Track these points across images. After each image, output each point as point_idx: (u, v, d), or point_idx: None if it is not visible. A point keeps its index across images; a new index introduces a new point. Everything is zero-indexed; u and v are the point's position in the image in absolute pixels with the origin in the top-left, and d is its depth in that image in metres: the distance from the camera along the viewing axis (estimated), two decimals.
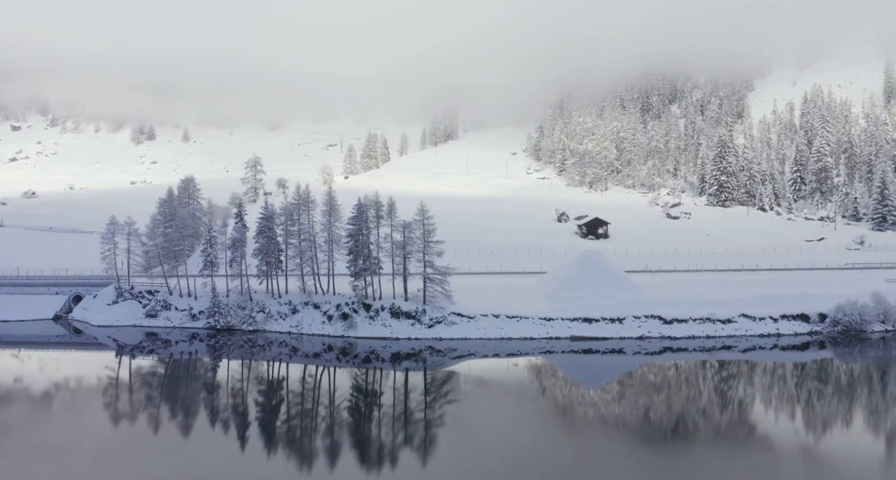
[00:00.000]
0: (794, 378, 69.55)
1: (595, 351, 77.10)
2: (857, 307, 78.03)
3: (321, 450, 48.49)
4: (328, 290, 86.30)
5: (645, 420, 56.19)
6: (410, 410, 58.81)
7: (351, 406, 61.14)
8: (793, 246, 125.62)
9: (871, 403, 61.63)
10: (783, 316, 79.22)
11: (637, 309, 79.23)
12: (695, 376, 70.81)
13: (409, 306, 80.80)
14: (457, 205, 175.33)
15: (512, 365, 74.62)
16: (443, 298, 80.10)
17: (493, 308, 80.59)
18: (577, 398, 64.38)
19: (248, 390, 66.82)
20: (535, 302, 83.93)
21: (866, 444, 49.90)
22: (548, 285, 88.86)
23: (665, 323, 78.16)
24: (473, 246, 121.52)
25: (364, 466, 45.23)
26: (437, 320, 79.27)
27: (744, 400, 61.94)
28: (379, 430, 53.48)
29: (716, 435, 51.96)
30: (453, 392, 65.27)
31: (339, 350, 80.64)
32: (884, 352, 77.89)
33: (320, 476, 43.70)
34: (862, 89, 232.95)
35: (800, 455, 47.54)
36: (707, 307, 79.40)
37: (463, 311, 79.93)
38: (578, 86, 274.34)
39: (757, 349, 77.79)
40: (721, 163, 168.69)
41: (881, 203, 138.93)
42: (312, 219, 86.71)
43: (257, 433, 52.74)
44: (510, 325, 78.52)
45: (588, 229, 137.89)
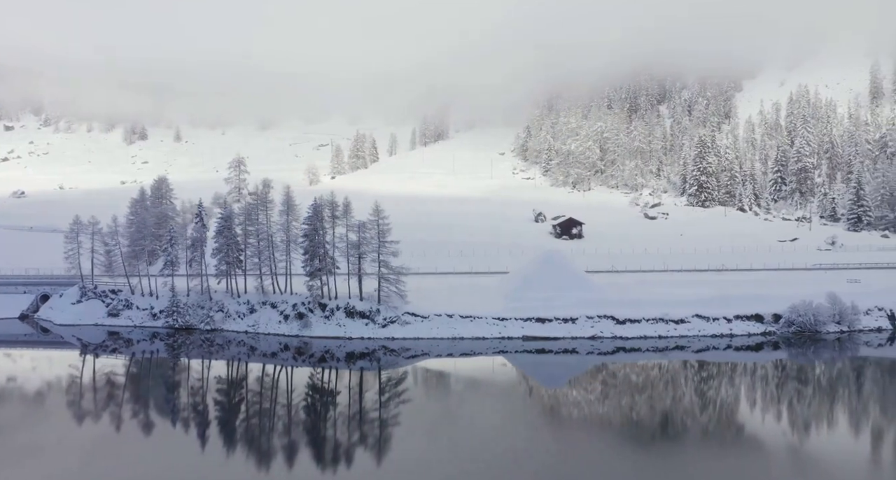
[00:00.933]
0: (748, 377, 69.72)
1: (548, 350, 77.13)
2: (811, 308, 77.91)
3: (279, 449, 48.88)
4: (286, 290, 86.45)
5: (603, 419, 56.72)
6: (365, 410, 59.10)
7: (308, 405, 61.38)
8: (765, 247, 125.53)
9: (822, 402, 61.67)
10: (737, 317, 79.17)
11: (591, 309, 79.22)
12: (654, 375, 70.83)
13: (363, 306, 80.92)
14: (437, 206, 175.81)
15: (468, 364, 74.79)
16: (397, 298, 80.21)
17: (448, 308, 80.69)
18: (536, 397, 64.46)
19: (208, 389, 67.07)
20: (492, 302, 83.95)
21: (818, 442, 50.63)
22: (507, 285, 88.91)
23: (618, 324, 78.15)
24: (444, 247, 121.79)
25: (320, 465, 45.67)
26: (391, 320, 79.36)
27: (703, 399, 62.35)
28: (335, 430, 53.91)
29: (674, 434, 52.29)
30: (408, 391, 65.60)
31: (294, 349, 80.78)
32: (838, 353, 77.83)
33: (279, 474, 44.08)
34: (849, 89, 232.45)
35: (756, 452, 47.79)
36: (661, 307, 79.40)
37: (417, 311, 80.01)
38: (568, 87, 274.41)
39: (710, 349, 77.78)
40: (701, 163, 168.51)
41: (856, 203, 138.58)
42: (270, 219, 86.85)
43: (217, 432, 53.19)
44: (463, 325, 78.59)
45: (562, 229, 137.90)
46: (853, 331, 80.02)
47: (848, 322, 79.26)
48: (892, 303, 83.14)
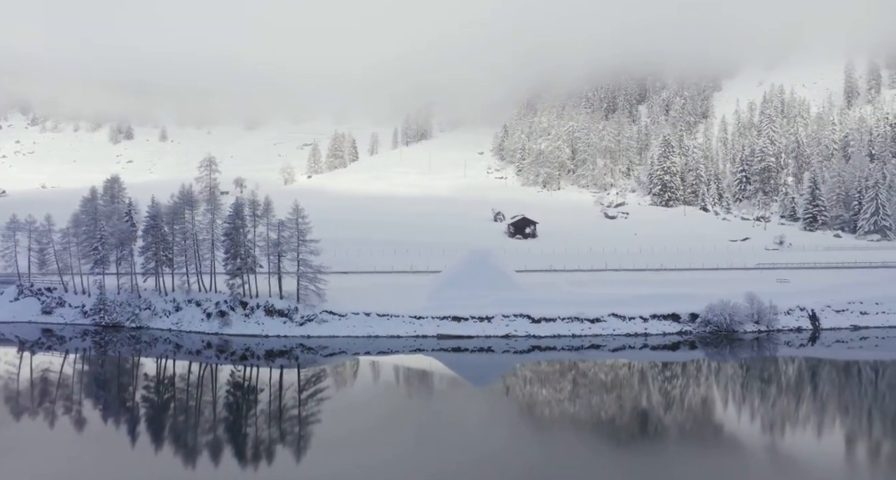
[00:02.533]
0: (659, 374, 69.73)
1: (464, 349, 77.26)
2: (727, 307, 77.73)
3: (205, 446, 49.39)
4: (210, 289, 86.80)
5: (529, 414, 57.34)
6: (286, 407, 59.39)
7: (232, 403, 61.76)
8: (716, 247, 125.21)
9: (738, 401, 61.68)
10: (653, 316, 79.11)
11: (509, 308, 79.32)
12: (574, 374, 71.11)
13: (282, 304, 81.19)
14: (401, 204, 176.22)
15: (389, 362, 75.01)
16: (315, 296, 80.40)
17: (367, 306, 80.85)
18: (462, 395, 64.55)
19: (137, 387, 67.74)
20: (415, 300, 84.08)
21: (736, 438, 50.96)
22: (434, 284, 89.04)
23: (533, 322, 78.20)
24: (390, 245, 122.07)
25: (242, 462, 46.07)
26: (309, 318, 79.61)
27: (621, 396, 62.73)
28: (256, 427, 54.38)
29: (607, 433, 52.57)
30: (328, 389, 65.90)
31: (216, 347, 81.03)
32: (757, 353, 77.63)
33: (205, 470, 44.58)
34: (825, 89, 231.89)
35: (664, 448, 48.65)
36: (577, 306, 79.39)
37: (335, 309, 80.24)
38: (548, 87, 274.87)
39: (627, 348, 77.74)
40: (665, 162, 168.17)
41: (812, 203, 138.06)
42: (195, 217, 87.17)
43: (146, 429, 53.56)
44: (380, 323, 78.77)
45: (516, 228, 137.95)
46: (771, 331, 79.87)
47: (766, 321, 79.08)
48: (814, 304, 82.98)
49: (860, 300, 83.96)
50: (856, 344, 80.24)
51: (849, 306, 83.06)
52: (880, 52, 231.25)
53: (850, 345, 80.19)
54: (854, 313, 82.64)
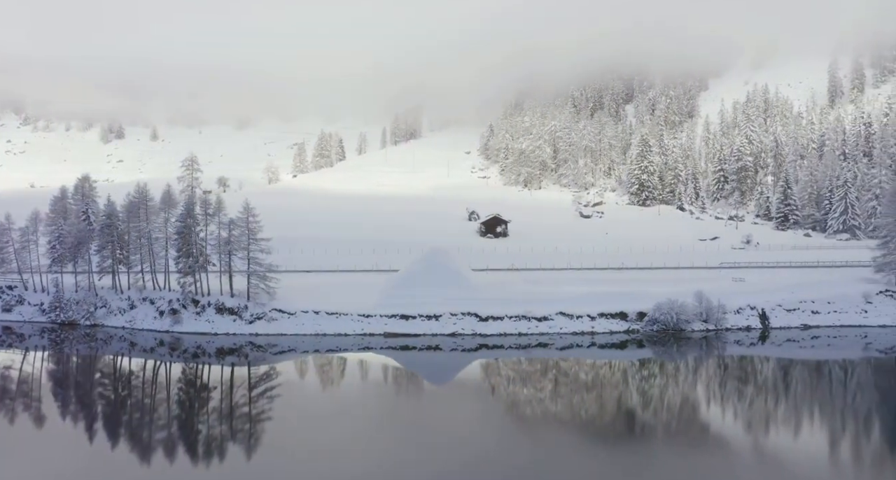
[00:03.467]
0: (603, 372, 69.97)
1: (412, 347, 77.49)
2: (675, 306, 77.69)
3: (161, 443, 49.69)
4: (165, 286, 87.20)
5: (485, 412, 57.29)
6: (238, 405, 59.72)
7: (186, 400, 62.26)
8: (684, 246, 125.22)
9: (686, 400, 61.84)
10: (601, 315, 79.14)
11: (457, 306, 79.45)
12: (528, 372, 71.35)
13: (233, 302, 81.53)
14: (381, 204, 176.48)
15: (340, 360, 75.28)
16: (264, 294, 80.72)
17: (317, 304, 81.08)
18: (417, 394, 64.79)
19: (95, 384, 68.23)
20: (369, 298, 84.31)
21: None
22: (389, 282, 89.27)
23: (480, 321, 78.32)
24: (358, 244, 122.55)
25: (195, 459, 46.50)
26: (258, 316, 79.91)
27: (572, 393, 63.12)
28: (208, 424, 54.63)
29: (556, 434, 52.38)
30: (279, 386, 65.93)
31: (168, 345, 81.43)
32: (705, 352, 77.62)
33: (159, 466, 44.91)
34: (810, 88, 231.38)
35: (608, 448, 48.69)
36: (526, 305, 79.52)
37: (284, 307, 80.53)
38: (536, 86, 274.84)
39: (574, 346, 77.80)
40: (642, 162, 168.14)
41: (784, 202, 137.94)
42: (149, 216, 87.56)
43: (103, 426, 53.91)
44: (328, 321, 79.01)
45: (487, 228, 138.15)
46: (719, 330, 79.85)
47: (714, 320, 79.04)
48: (765, 303, 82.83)
49: (812, 299, 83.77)
50: (808, 343, 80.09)
51: (800, 305, 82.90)
52: (866, 51, 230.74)
53: (801, 344, 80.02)
54: (805, 312, 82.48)
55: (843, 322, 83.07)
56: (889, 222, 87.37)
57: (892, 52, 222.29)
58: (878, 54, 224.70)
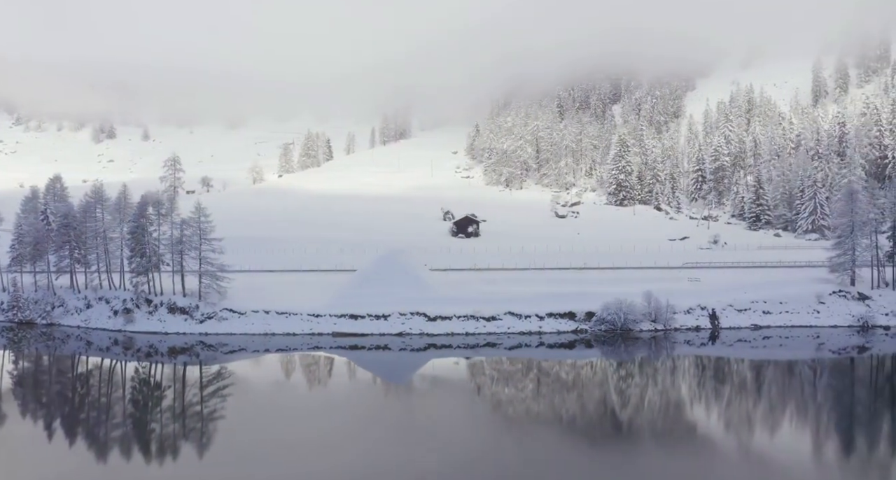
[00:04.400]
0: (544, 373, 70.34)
1: (361, 347, 77.90)
2: (623, 306, 77.85)
3: (116, 441, 50.43)
4: (121, 286, 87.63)
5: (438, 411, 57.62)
6: (190, 403, 60.45)
7: (138, 399, 63.05)
8: (653, 246, 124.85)
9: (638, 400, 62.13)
10: (550, 315, 79.39)
11: (407, 306, 79.77)
12: (477, 371, 72.29)
13: (185, 302, 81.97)
14: (360, 204, 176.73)
15: (293, 360, 75.79)
16: (215, 294, 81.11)
17: (269, 304, 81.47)
18: (375, 393, 65.31)
19: (53, 383, 69.07)
20: (324, 298, 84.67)
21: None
22: (346, 282, 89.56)
23: (429, 320, 78.63)
24: (326, 244, 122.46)
25: (147, 457, 47.00)
26: (209, 315, 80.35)
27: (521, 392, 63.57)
28: (161, 423, 55.37)
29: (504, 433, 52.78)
30: (231, 386, 66.61)
31: (122, 344, 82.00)
32: (654, 352, 77.74)
33: (116, 463, 45.48)
34: (796, 88, 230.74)
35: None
36: (475, 304, 79.77)
37: (235, 307, 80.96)
38: (523, 86, 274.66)
39: (523, 346, 78.14)
40: (620, 162, 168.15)
41: (756, 202, 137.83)
42: (104, 216, 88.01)
43: (61, 424, 54.50)
44: (277, 321, 79.44)
45: (458, 228, 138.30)
46: (668, 330, 79.97)
47: (663, 320, 79.18)
48: (717, 303, 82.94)
49: (765, 299, 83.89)
50: (759, 344, 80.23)
51: (752, 305, 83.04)
52: (851, 51, 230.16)
53: (753, 345, 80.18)
54: (756, 312, 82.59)
55: (795, 322, 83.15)
56: (843, 222, 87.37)
57: (876, 52, 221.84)
58: (862, 54, 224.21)
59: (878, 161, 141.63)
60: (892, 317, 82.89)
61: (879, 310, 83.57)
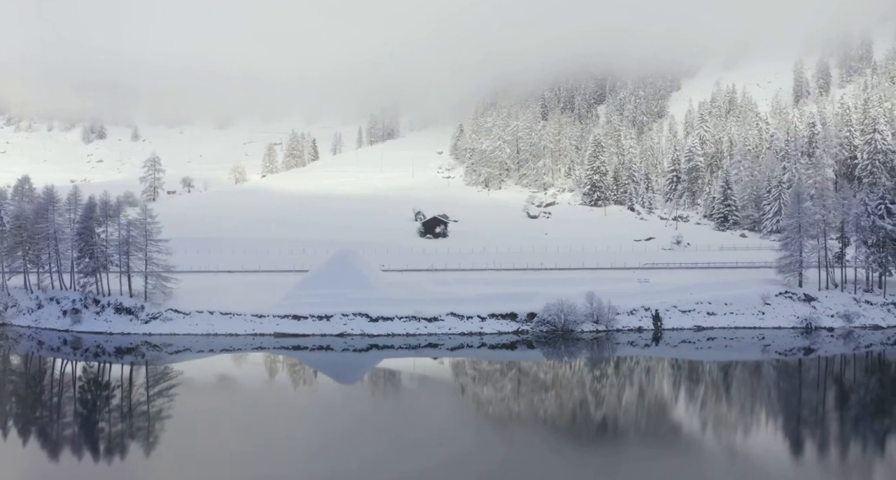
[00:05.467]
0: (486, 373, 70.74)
1: (303, 347, 78.36)
2: (564, 307, 78.08)
3: (67, 440, 51.08)
4: (71, 286, 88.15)
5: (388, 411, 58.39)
6: (136, 403, 61.04)
7: (87, 399, 63.74)
8: (617, 247, 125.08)
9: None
10: (492, 315, 79.69)
11: (350, 306, 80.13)
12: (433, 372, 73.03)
13: (131, 302, 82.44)
14: (337, 204, 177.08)
15: (239, 360, 76.39)
16: (161, 295, 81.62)
17: (214, 305, 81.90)
18: (328, 393, 65.70)
19: (6, 382, 69.07)
20: (271, 298, 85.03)
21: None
22: (296, 282, 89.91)
23: (371, 321, 79.01)
24: (290, 244, 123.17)
25: (96, 456, 47.63)
26: (154, 316, 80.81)
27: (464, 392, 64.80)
28: (109, 422, 56.03)
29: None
30: (177, 386, 67.20)
31: (71, 344, 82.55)
32: (596, 352, 78.08)
33: (68, 462, 46.15)
34: (779, 88, 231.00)
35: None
36: (417, 305, 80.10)
37: (180, 307, 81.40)
38: (509, 87, 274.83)
39: (465, 347, 78.50)
40: (594, 162, 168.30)
41: (723, 203, 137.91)
42: (56, 217, 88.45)
43: (13, 424, 54.90)
44: (221, 322, 79.85)
45: (426, 228, 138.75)
46: (610, 331, 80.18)
47: (605, 321, 79.39)
48: (661, 304, 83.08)
49: (710, 300, 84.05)
50: (704, 345, 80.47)
51: (696, 306, 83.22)
52: (834, 51, 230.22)
53: (698, 346, 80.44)
54: (701, 313, 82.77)
55: (739, 323, 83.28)
56: (790, 223, 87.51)
57: (858, 52, 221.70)
58: (844, 54, 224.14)
59: (847, 161, 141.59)
60: (838, 319, 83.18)
61: (825, 312, 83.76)
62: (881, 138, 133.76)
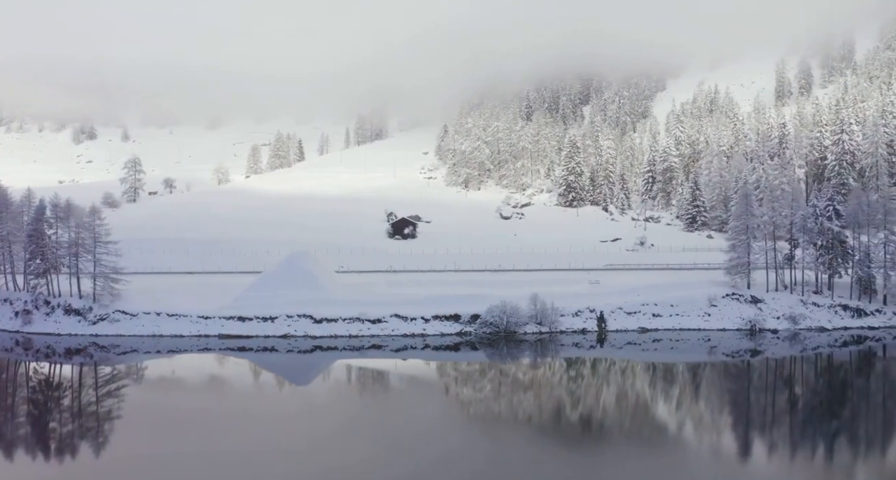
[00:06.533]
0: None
1: (248, 348, 78.87)
2: (507, 308, 78.47)
3: (20, 440, 51.92)
4: (24, 288, 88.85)
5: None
6: (86, 404, 61.61)
7: (38, 400, 64.04)
8: (584, 248, 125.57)
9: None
10: (435, 317, 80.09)
11: (295, 308, 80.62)
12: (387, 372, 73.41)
13: (80, 304, 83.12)
14: (314, 205, 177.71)
15: (184, 361, 76.88)
16: (108, 296, 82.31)
17: (161, 306, 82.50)
18: (277, 394, 66.30)
19: None
20: (221, 299, 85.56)
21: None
22: (248, 284, 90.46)
23: (315, 323, 79.51)
24: (254, 245, 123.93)
25: (46, 456, 48.27)
26: (102, 317, 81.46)
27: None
28: (59, 422, 56.68)
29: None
30: (126, 386, 67.87)
31: (22, 345, 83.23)
32: (539, 354, 78.43)
33: (22, 461, 46.75)
34: (762, 89, 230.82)
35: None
36: (361, 306, 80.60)
37: (127, 309, 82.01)
38: (494, 87, 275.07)
39: (409, 348, 78.95)
40: (570, 163, 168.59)
41: (692, 203, 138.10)
42: (9, 219, 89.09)
43: None
44: (167, 323, 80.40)
45: (394, 229, 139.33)
46: (554, 332, 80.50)
47: (549, 323, 79.71)
48: (606, 305, 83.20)
49: (656, 302, 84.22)
50: (650, 347, 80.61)
51: (642, 308, 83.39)
52: (817, 52, 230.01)
53: (644, 347, 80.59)
54: (646, 315, 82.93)
55: (684, 325, 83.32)
56: (738, 225, 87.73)
57: (840, 53, 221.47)
58: (826, 55, 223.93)
59: (818, 162, 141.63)
60: (783, 321, 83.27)
61: (770, 314, 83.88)
62: (848, 139, 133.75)
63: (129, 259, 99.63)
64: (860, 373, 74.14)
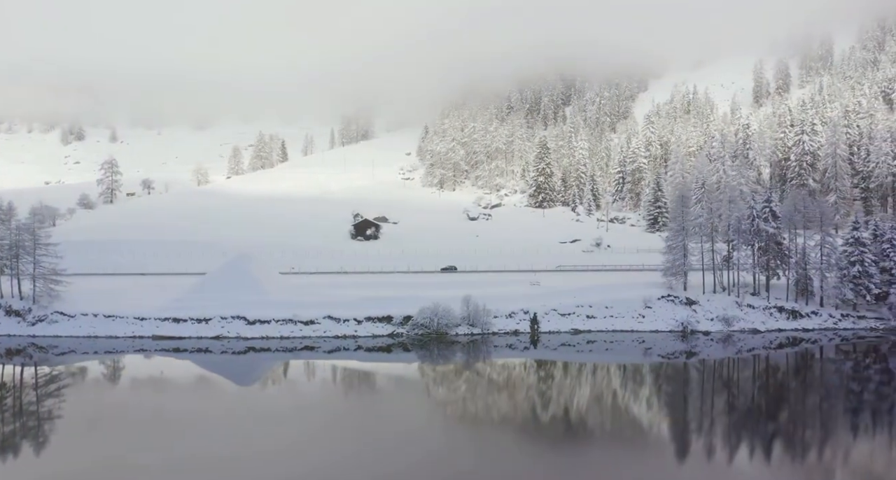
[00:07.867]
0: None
1: (183, 349, 79.59)
2: (438, 310, 79.06)
3: None
4: None
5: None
6: (27, 403, 61.73)
7: None
8: (540, 249, 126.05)
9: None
10: (368, 318, 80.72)
11: (229, 309, 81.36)
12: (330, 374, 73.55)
13: (20, 305, 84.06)
14: (286, 205, 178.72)
15: (123, 361, 77.21)
16: (47, 297, 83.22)
17: (98, 307, 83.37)
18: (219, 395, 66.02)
19: None
20: (159, 301, 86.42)
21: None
22: (191, 286, 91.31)
23: (248, 324, 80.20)
24: (210, 247, 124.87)
25: None
26: (40, 318, 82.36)
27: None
28: (2, 423, 56.56)
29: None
30: (67, 387, 68.21)
31: None
32: (468, 356, 78.77)
33: None
34: (741, 89, 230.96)
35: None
36: (294, 308, 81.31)
37: (65, 310, 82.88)
38: (477, 88, 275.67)
39: (341, 350, 79.45)
40: (540, 164, 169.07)
41: (654, 205, 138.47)
42: None
43: None
44: (103, 324, 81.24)
45: (357, 230, 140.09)
46: (486, 334, 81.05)
47: (481, 324, 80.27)
48: (541, 307, 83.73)
49: (591, 303, 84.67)
50: (585, 348, 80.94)
51: (577, 309, 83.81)
52: (796, 52, 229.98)
53: (578, 349, 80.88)
54: (580, 317, 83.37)
55: (617, 327, 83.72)
56: (674, 227, 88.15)
57: (818, 53, 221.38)
58: (805, 55, 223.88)
59: (781, 163, 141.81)
60: (717, 322, 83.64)
61: (704, 315, 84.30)
62: (809, 140, 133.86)
63: (86, 260, 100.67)
64: (797, 375, 74.45)
